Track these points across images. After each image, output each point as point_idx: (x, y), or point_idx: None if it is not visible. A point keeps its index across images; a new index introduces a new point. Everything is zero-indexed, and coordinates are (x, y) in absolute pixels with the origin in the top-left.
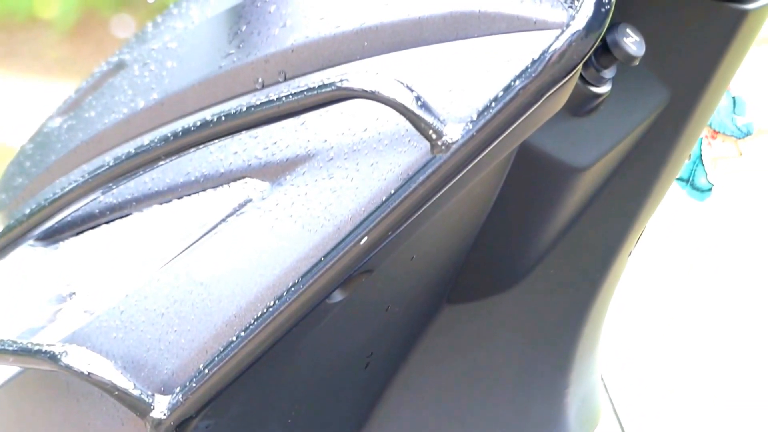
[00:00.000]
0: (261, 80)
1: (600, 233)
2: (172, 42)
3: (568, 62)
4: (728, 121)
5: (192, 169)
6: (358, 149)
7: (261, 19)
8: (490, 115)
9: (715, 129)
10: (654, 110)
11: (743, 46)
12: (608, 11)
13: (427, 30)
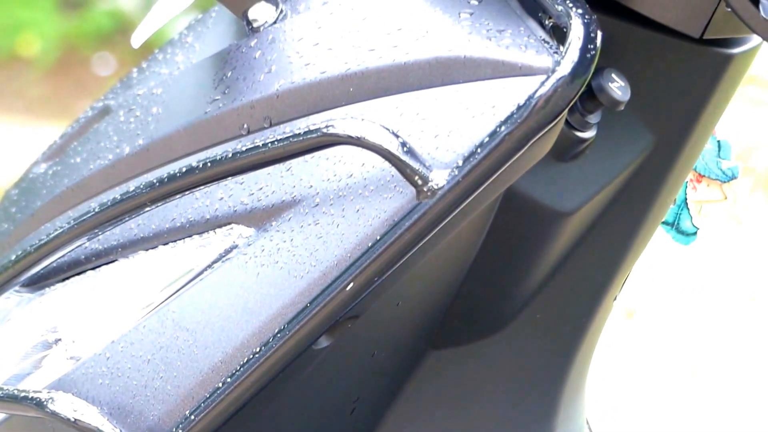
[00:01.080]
0: (246, 126)
1: (585, 278)
2: (158, 87)
3: (553, 108)
4: (713, 165)
5: (178, 215)
6: (344, 195)
7: (246, 64)
8: (475, 161)
9: (700, 173)
10: (639, 155)
11: (729, 90)
12: (593, 57)
13: (412, 75)
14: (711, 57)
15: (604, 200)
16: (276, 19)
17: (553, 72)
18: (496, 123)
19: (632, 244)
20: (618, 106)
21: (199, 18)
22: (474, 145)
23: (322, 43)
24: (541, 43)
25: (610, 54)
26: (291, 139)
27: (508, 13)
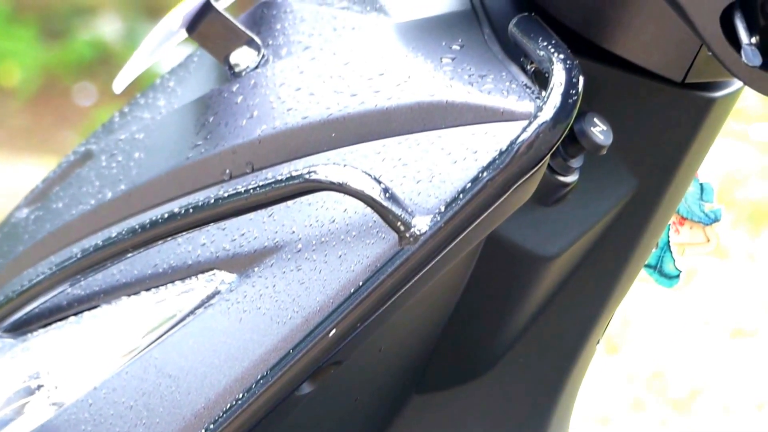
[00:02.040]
0: (229, 171)
1: (568, 321)
2: (140, 132)
3: (535, 153)
4: (696, 207)
5: (160, 261)
6: (326, 241)
7: (228, 109)
8: (458, 207)
9: (683, 215)
10: (622, 198)
11: (711, 134)
12: (575, 102)
13: (394, 121)
14: (693, 101)
15: (587, 244)
16: (258, 64)
17: (535, 117)
18: (479, 168)
19: (615, 288)
20: (600, 151)
21: (181, 62)
22: (456, 190)
23: (304, 88)
24: (522, 89)
25: (593, 98)
26: (273, 185)
27: (489, 58)
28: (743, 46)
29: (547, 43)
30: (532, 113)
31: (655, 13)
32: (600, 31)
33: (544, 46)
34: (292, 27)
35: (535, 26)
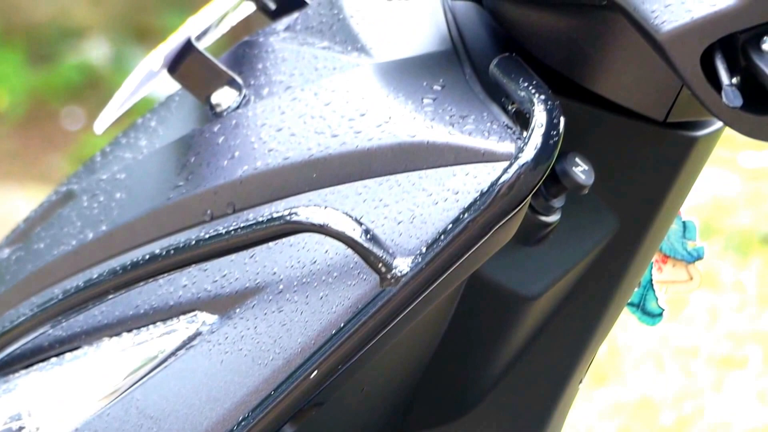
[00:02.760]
0: (210, 212)
1: (551, 361)
2: (121, 172)
3: (517, 194)
4: (679, 245)
5: (141, 302)
6: (308, 282)
7: (209, 150)
8: (439, 248)
9: (666, 253)
10: (604, 238)
11: (693, 172)
12: (556, 143)
13: (375, 162)
14: (675, 140)
15: (569, 283)
16: (239, 104)
17: (516, 158)
18: (460, 209)
19: (597, 327)
20: (582, 190)
21: (163, 102)
22: (437, 231)
23: (285, 128)
24: (504, 129)
25: (575, 137)
26: (254, 227)
27: (471, 98)
28: (724, 87)
29: (528, 83)
30: (512, 154)
31: (637, 53)
32: (581, 70)
33: (525, 86)
34: (274, 67)
35: (516, 66)
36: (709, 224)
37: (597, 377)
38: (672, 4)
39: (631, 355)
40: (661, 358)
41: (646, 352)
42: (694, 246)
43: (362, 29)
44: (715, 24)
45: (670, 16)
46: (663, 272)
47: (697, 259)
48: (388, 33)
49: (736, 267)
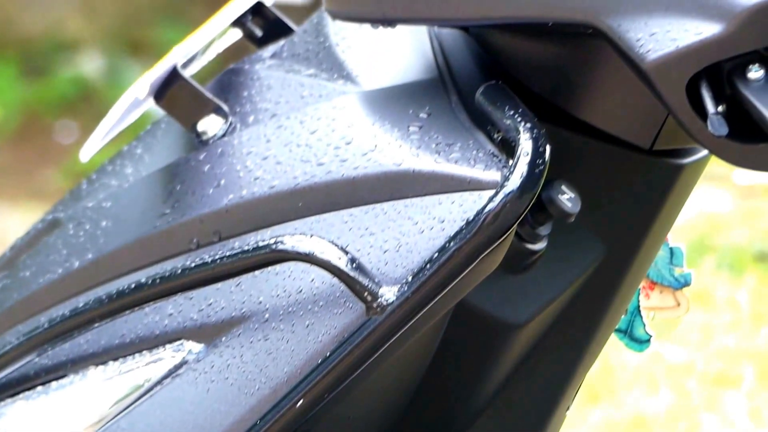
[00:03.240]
0: (196, 240)
1: (538, 388)
2: (107, 200)
3: (502, 223)
4: (666, 271)
5: (127, 331)
6: (294, 311)
7: (195, 178)
8: (425, 277)
9: (653, 280)
10: (590, 265)
11: (680, 199)
12: (542, 171)
13: (361, 190)
14: (661, 167)
15: (556, 311)
16: (225, 132)
17: (501, 187)
18: (446, 238)
19: (584, 354)
20: (568, 218)
21: (149, 129)
22: (423, 260)
23: (271, 156)
24: (490, 157)
25: (561, 165)
26: (240, 256)
27: (456, 126)
28: (709, 115)
29: (514, 111)
30: (498, 182)
31: (622, 81)
32: (567, 97)
33: (511, 114)
34: (260, 94)
35: (502, 94)
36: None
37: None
38: (657, 32)
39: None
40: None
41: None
42: (682, 272)
43: (348, 57)
44: (701, 53)
45: (656, 45)
46: (650, 298)
47: (685, 285)
48: (374, 61)
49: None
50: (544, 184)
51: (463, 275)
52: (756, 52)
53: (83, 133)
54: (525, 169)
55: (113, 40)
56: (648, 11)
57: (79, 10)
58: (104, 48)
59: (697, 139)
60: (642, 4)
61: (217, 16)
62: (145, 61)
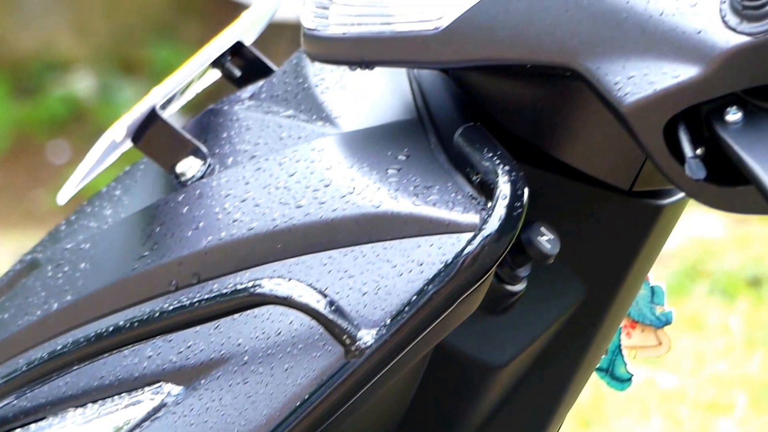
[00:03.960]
0: (175, 282)
1: (519, 428)
2: (86, 242)
3: (481, 266)
4: (647, 310)
5: (106, 373)
6: (273, 353)
7: (174, 220)
8: (403, 320)
9: (634, 318)
10: (571, 305)
11: (660, 239)
12: (521, 214)
13: (340, 232)
14: (641, 208)
15: (536, 351)
16: (204, 174)
17: (480, 230)
18: (424, 281)
19: (565, 393)
20: (547, 260)
21: (128, 170)
22: (402, 303)
23: (249, 199)
24: (468, 200)
25: (540, 206)
26: (218, 299)
27: (435, 168)
28: (687, 159)
29: (493, 153)
30: (477, 225)
31: (601, 123)
32: (547, 139)
33: (490, 157)
34: (239, 135)
35: (480, 136)
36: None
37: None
38: (635, 75)
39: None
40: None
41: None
42: (663, 311)
43: (327, 98)
44: (678, 96)
45: (633, 88)
46: (632, 337)
47: (666, 324)
48: (353, 102)
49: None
50: (523, 225)
51: (442, 318)
52: (734, 95)
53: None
54: (503, 212)
55: (105, 59)
56: (626, 54)
57: (70, 29)
58: (96, 67)
59: (675, 182)
60: (620, 46)
61: (196, 56)
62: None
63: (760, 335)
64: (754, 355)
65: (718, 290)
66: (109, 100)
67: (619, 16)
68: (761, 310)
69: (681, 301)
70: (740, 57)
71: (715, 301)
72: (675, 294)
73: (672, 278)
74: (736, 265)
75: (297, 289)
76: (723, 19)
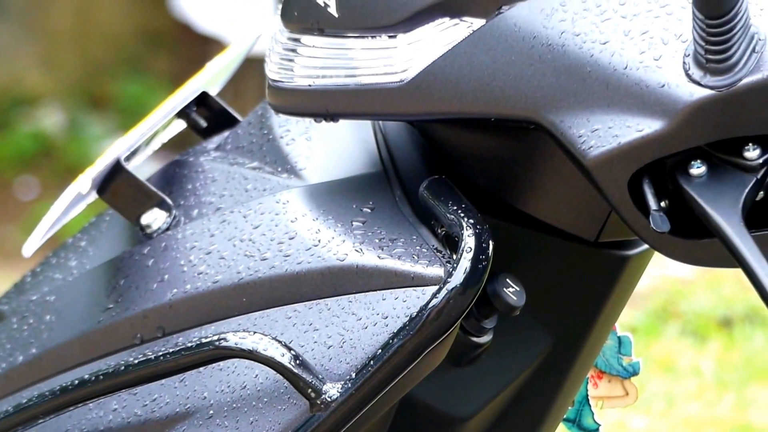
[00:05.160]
0: (140, 336)
1: None
2: (51, 294)
3: (446, 319)
4: (614, 361)
5: (71, 427)
6: (238, 407)
7: (139, 272)
8: (368, 373)
9: (601, 369)
10: (537, 356)
11: (626, 289)
12: (486, 267)
13: (305, 286)
14: (607, 259)
15: (503, 402)
16: (169, 226)
17: (445, 283)
18: (389, 334)
19: None
20: (513, 312)
21: (93, 221)
22: (367, 356)
23: (214, 251)
24: (433, 253)
25: (506, 257)
26: (183, 353)
27: (400, 220)
28: (651, 212)
29: (457, 206)
30: (442, 278)
31: (566, 176)
32: (512, 191)
33: (454, 209)
34: (204, 187)
35: (445, 189)
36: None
37: None
38: (599, 129)
39: None
40: None
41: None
42: (630, 361)
43: (292, 150)
44: (642, 149)
45: (597, 141)
46: (599, 388)
47: (633, 375)
48: (319, 154)
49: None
50: (489, 277)
51: (407, 371)
52: (698, 148)
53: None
54: (468, 265)
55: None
56: (590, 107)
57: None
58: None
59: (640, 235)
60: (584, 100)
61: (161, 106)
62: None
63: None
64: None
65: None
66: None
67: (584, 70)
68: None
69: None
70: (704, 111)
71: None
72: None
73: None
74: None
75: (262, 342)
76: (687, 72)
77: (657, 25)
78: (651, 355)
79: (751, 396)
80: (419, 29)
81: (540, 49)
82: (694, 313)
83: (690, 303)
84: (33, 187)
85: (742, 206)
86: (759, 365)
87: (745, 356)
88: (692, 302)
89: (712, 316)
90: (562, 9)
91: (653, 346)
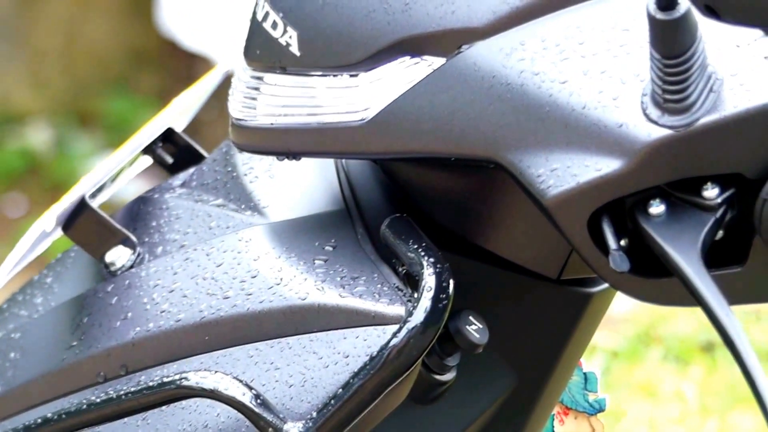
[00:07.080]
0: (103, 374)
1: None
2: (16, 332)
3: (406, 358)
4: (580, 397)
5: None
6: None
7: (103, 310)
8: (329, 413)
9: (567, 405)
10: (501, 393)
11: (590, 326)
12: (446, 306)
13: (266, 324)
14: (570, 296)
15: None
16: (133, 263)
17: (405, 322)
18: (350, 373)
19: None
20: (476, 349)
21: (59, 258)
22: (328, 396)
23: (177, 289)
24: (394, 291)
25: (469, 294)
26: (145, 392)
27: (362, 258)
28: (611, 251)
29: (418, 245)
30: (403, 317)
31: (527, 214)
32: (473, 229)
33: (415, 248)
34: (168, 224)
35: (406, 228)
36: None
37: None
38: (558, 168)
39: None
40: None
41: None
42: (596, 397)
43: (255, 187)
44: (601, 189)
45: (556, 181)
46: (565, 424)
47: (600, 411)
48: (282, 192)
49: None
50: (451, 314)
51: (368, 409)
52: (657, 187)
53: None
54: (429, 304)
55: (61, 111)
56: (549, 147)
57: (26, 81)
58: (52, 120)
59: (600, 273)
60: (543, 140)
61: (127, 143)
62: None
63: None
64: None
65: (671, 356)
66: (65, 153)
67: (542, 110)
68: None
69: (634, 367)
70: (662, 150)
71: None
72: (628, 360)
73: (625, 344)
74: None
75: (223, 381)
76: (644, 112)
77: (615, 65)
78: (633, 380)
79: (734, 421)
80: (380, 68)
81: (499, 89)
82: (677, 337)
83: (672, 327)
84: (21, 205)
85: (701, 245)
86: (742, 390)
87: (727, 381)
88: (674, 327)
89: (695, 341)
90: (521, 48)
91: (635, 370)
